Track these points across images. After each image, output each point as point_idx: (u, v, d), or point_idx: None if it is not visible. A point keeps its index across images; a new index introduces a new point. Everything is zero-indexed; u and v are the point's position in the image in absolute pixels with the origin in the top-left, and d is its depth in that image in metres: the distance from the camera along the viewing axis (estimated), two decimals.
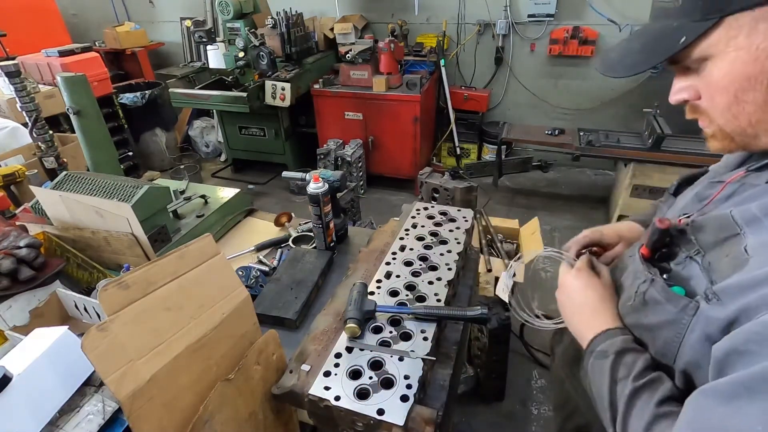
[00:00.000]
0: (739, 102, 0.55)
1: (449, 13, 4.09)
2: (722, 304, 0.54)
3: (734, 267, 0.55)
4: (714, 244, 0.60)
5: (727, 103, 0.57)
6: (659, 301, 0.63)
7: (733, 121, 0.58)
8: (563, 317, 0.84)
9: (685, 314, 0.59)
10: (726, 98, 0.56)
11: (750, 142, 0.60)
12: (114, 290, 0.68)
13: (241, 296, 0.88)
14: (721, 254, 0.58)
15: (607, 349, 0.68)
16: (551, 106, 4.20)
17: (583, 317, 0.78)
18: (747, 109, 0.55)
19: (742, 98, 0.55)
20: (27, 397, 0.84)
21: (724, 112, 0.58)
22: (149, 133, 4.43)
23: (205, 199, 1.70)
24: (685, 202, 0.78)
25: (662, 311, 0.63)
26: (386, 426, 0.77)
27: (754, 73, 0.52)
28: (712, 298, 0.55)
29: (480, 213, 2.30)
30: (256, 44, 3.59)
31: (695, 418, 0.52)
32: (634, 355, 0.66)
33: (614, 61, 0.65)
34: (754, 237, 0.55)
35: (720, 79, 0.56)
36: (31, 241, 1.23)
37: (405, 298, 1.04)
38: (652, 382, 0.62)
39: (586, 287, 0.80)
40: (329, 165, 3.79)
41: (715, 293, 0.55)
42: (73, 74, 2.16)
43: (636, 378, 0.63)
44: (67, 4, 5.38)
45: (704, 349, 0.56)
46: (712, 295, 0.55)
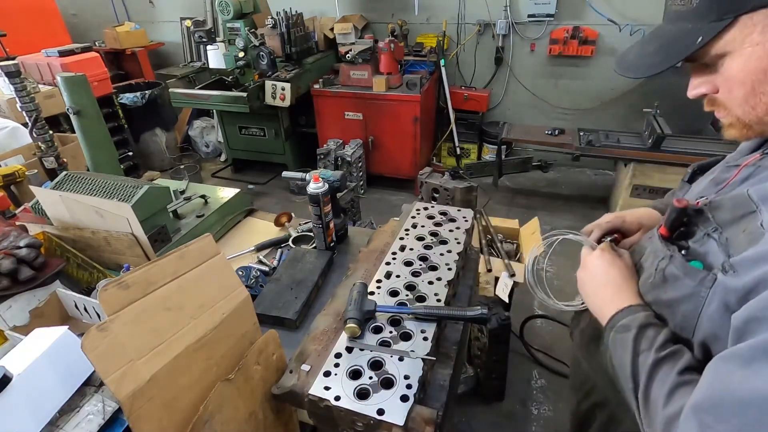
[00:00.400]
0: (756, 93, 0.59)
1: (449, 13, 4.09)
2: (738, 275, 0.56)
3: (750, 241, 0.57)
4: (731, 221, 0.62)
5: (745, 95, 0.60)
6: (678, 276, 0.66)
7: (751, 112, 0.61)
8: (583, 295, 0.87)
9: (703, 287, 0.61)
10: (744, 90, 0.60)
11: (767, 130, 0.63)
12: (114, 290, 0.69)
13: (241, 296, 0.88)
14: (738, 230, 0.60)
15: (629, 324, 0.71)
16: (551, 106, 4.20)
17: (605, 295, 0.81)
18: (764, 100, 0.59)
19: (759, 90, 0.59)
20: (27, 397, 0.84)
21: (742, 103, 0.61)
22: (149, 133, 4.43)
23: (205, 199, 1.70)
24: (701, 187, 0.81)
25: (681, 286, 0.65)
26: (386, 426, 0.77)
27: None
28: (729, 270, 0.58)
29: (480, 213, 2.30)
30: (256, 44, 3.59)
31: (714, 382, 0.54)
32: (656, 329, 0.69)
33: (632, 62, 0.69)
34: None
35: (737, 73, 0.59)
36: (31, 241, 1.23)
37: (405, 298, 1.04)
38: (673, 353, 0.65)
39: (610, 266, 0.82)
40: (329, 165, 3.79)
41: (732, 265, 0.57)
42: (73, 74, 2.16)
43: (658, 350, 0.65)
44: (67, 4, 5.38)
45: (722, 320, 0.58)
46: (729, 267, 0.58)
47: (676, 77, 4.10)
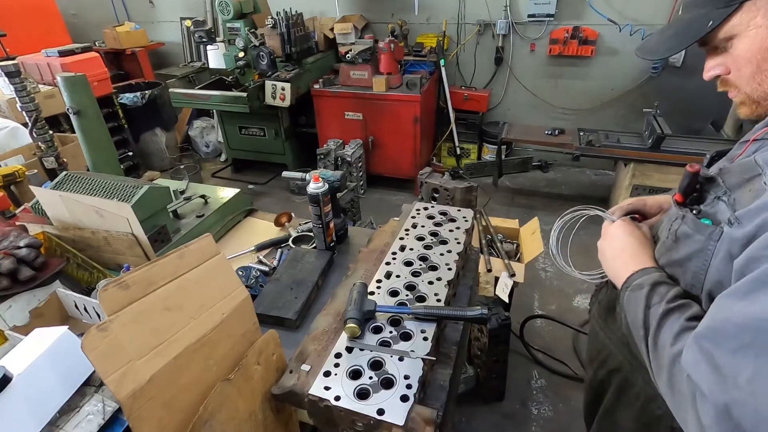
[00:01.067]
0: (762, 70, 0.67)
1: (449, 13, 4.09)
2: (742, 225, 0.62)
3: (754, 197, 0.63)
4: (738, 184, 0.69)
5: (752, 72, 0.68)
6: (689, 234, 0.72)
7: (758, 88, 0.69)
8: (603, 263, 0.92)
9: (711, 240, 0.67)
10: (750, 68, 0.68)
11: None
12: (114, 290, 0.69)
13: (241, 296, 0.88)
14: (744, 191, 0.67)
15: (642, 282, 0.77)
16: (551, 106, 4.20)
17: (622, 260, 0.86)
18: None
19: (764, 67, 0.67)
20: (27, 397, 0.84)
21: (749, 80, 0.69)
22: (149, 133, 4.43)
23: (205, 199, 1.70)
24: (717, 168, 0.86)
25: (692, 242, 0.72)
26: (386, 426, 0.77)
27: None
28: (734, 222, 0.64)
29: (480, 213, 2.30)
30: (256, 44, 3.59)
31: (715, 314, 0.60)
32: (668, 286, 0.75)
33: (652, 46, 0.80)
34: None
35: (744, 52, 0.68)
36: (31, 241, 1.23)
37: (405, 298, 1.04)
38: (682, 305, 0.71)
39: (628, 235, 0.89)
40: (329, 165, 3.79)
41: (737, 218, 0.64)
42: (73, 74, 2.16)
43: (669, 302, 0.71)
44: (67, 4, 5.39)
45: (727, 268, 0.64)
46: (735, 219, 0.64)
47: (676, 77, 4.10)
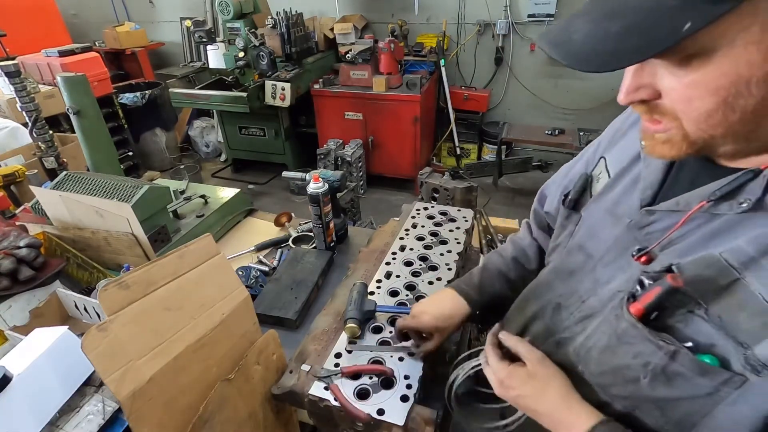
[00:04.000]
0: (726, 110, 0.45)
1: (449, 13, 4.09)
2: None
3: (765, 325, 0.47)
4: (714, 294, 0.51)
5: (710, 109, 0.46)
6: (684, 375, 0.53)
7: (707, 130, 0.48)
8: None
9: (725, 387, 0.50)
10: (710, 104, 0.45)
11: (712, 149, 0.52)
12: (114, 290, 0.69)
13: (241, 296, 0.88)
14: (731, 307, 0.50)
15: None
16: (551, 106, 4.20)
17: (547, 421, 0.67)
18: (730, 119, 0.46)
19: (731, 105, 0.45)
20: (27, 397, 0.84)
21: (700, 119, 0.47)
22: (149, 133, 4.43)
23: (205, 199, 1.70)
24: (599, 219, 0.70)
25: (689, 385, 0.53)
26: (386, 426, 0.77)
27: (758, 75, 0.42)
28: (762, 370, 0.47)
29: (480, 213, 2.30)
30: (256, 44, 3.59)
31: None
32: None
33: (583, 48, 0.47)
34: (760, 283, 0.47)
35: (712, 80, 0.44)
36: (31, 241, 1.23)
37: (405, 298, 1.04)
38: None
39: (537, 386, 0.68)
40: (329, 165, 3.78)
41: (765, 364, 0.47)
42: (73, 74, 2.16)
43: None
44: (67, 4, 5.38)
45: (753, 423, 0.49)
46: (761, 366, 0.47)
47: None
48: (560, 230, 0.81)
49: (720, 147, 0.51)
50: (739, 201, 0.50)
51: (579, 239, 0.73)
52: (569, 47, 0.48)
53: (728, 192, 0.51)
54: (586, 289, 0.69)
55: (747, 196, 0.50)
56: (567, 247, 0.76)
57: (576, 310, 0.69)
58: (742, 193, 0.50)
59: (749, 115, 0.45)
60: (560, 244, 0.79)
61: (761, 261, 0.47)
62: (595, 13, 0.47)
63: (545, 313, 0.75)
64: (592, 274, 0.68)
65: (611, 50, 0.44)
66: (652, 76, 0.49)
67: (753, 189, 0.49)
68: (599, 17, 0.46)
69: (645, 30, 0.43)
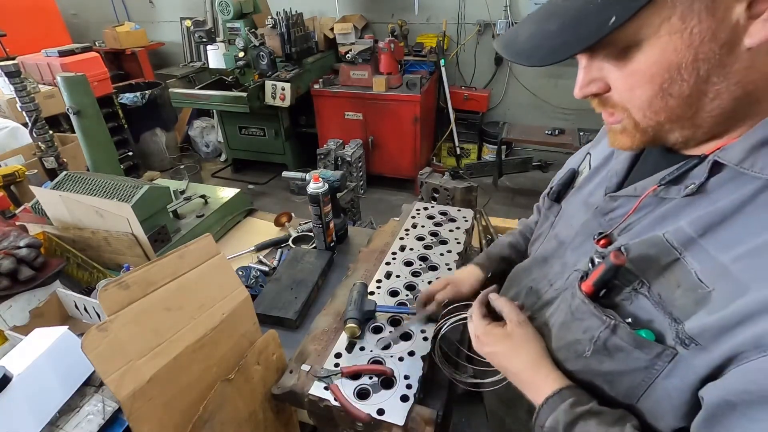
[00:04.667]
0: (664, 95, 0.49)
1: (449, 13, 4.09)
2: (705, 349, 0.48)
3: (697, 301, 0.50)
4: (656, 272, 0.54)
5: (650, 96, 0.50)
6: (623, 348, 0.56)
7: (652, 117, 0.52)
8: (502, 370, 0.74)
9: (659, 360, 0.52)
10: (650, 91, 0.50)
11: (664, 137, 0.55)
12: (114, 290, 0.69)
13: (241, 296, 0.88)
14: (670, 284, 0.53)
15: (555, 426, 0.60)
16: (551, 106, 4.20)
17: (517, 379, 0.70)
18: (670, 104, 0.50)
19: (668, 90, 0.49)
20: (27, 397, 0.84)
21: (644, 105, 0.51)
22: (149, 133, 4.43)
23: (205, 199, 1.70)
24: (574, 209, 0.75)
25: (628, 359, 0.55)
26: (386, 426, 0.77)
27: (686, 61, 0.46)
28: (690, 344, 0.49)
29: (480, 213, 2.30)
30: (256, 44, 3.59)
31: None
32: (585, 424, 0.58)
33: (526, 45, 0.52)
34: (697, 262, 0.51)
35: (647, 68, 0.48)
36: (31, 241, 1.23)
37: (405, 298, 1.04)
38: None
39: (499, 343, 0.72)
40: (329, 165, 3.78)
41: (692, 337, 0.49)
42: (73, 74, 2.16)
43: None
44: (67, 4, 5.38)
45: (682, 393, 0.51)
46: (689, 340, 0.50)
47: None
48: (543, 220, 0.86)
49: (670, 134, 0.54)
50: (685, 185, 0.54)
51: (556, 229, 0.78)
52: (515, 46, 0.54)
53: (676, 177, 0.55)
54: (555, 273, 0.74)
55: (692, 180, 0.53)
56: (547, 237, 0.81)
57: (545, 293, 0.74)
58: (688, 178, 0.54)
59: (687, 99, 0.49)
60: (542, 234, 0.84)
61: (699, 241, 0.51)
62: (538, 16, 0.53)
63: (520, 297, 0.80)
64: (561, 259, 0.73)
65: (548, 47, 0.50)
66: (600, 71, 0.53)
67: (698, 174, 0.53)
68: (541, 18, 0.52)
69: (576, 27, 0.48)
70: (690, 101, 0.49)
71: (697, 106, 0.50)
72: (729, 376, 0.46)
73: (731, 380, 0.46)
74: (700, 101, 0.49)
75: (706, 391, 0.48)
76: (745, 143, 0.49)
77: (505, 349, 0.71)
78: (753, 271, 0.46)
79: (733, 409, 0.45)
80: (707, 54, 0.45)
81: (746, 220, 0.48)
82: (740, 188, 0.49)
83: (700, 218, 0.51)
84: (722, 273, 0.48)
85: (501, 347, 0.71)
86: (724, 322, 0.46)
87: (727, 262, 0.48)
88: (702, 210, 0.52)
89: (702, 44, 0.45)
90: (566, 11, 0.49)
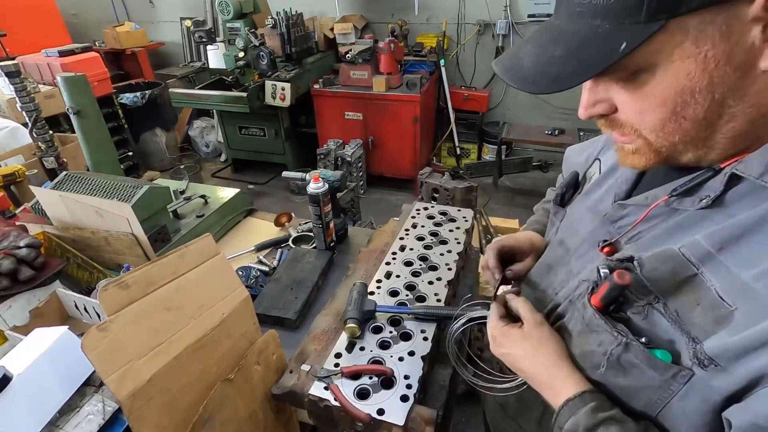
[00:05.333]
0: (678, 118, 0.48)
1: (449, 13, 4.09)
2: (725, 370, 0.47)
3: (717, 320, 0.48)
4: (672, 288, 0.52)
5: (663, 119, 0.49)
6: (638, 366, 0.55)
7: (666, 138, 0.51)
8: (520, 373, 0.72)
9: (674, 381, 0.51)
10: (662, 114, 0.49)
11: (677, 157, 0.53)
12: (114, 290, 0.68)
13: (241, 296, 0.88)
14: (688, 302, 0.51)
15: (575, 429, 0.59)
16: (551, 106, 4.20)
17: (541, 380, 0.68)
18: (684, 126, 0.49)
19: (681, 114, 0.48)
20: (27, 397, 0.84)
21: (656, 128, 0.50)
22: (149, 133, 4.43)
23: (205, 199, 1.70)
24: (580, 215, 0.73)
25: (643, 376, 0.54)
26: (386, 426, 0.77)
27: (700, 85, 0.45)
28: (709, 365, 0.48)
29: (480, 213, 2.31)
30: (256, 44, 3.59)
31: None
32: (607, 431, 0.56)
33: (530, 72, 0.51)
34: (717, 278, 0.49)
35: (659, 93, 0.48)
36: (31, 241, 1.23)
37: (405, 298, 1.04)
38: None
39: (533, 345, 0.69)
40: (329, 165, 3.78)
41: (711, 358, 0.47)
42: (73, 74, 2.16)
43: None
44: (67, 4, 5.38)
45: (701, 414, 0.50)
46: (708, 361, 0.48)
47: None
48: (550, 227, 0.85)
49: (683, 155, 0.53)
50: (700, 197, 0.52)
51: (561, 234, 0.77)
52: (519, 72, 0.52)
53: (690, 188, 0.53)
54: (559, 281, 0.73)
55: (707, 192, 0.52)
56: (551, 243, 0.80)
57: (550, 302, 0.74)
58: (702, 190, 0.52)
59: (701, 121, 0.48)
60: (549, 242, 0.83)
61: (717, 256, 0.49)
62: (541, 40, 0.52)
63: None
64: (566, 267, 0.72)
65: (555, 74, 0.48)
66: (606, 92, 0.53)
67: (713, 186, 0.51)
68: (544, 43, 0.51)
69: (583, 53, 0.47)
70: (705, 123, 0.48)
71: (711, 129, 0.49)
72: (756, 399, 0.44)
73: (759, 404, 0.44)
74: (714, 123, 0.48)
75: (732, 413, 0.47)
76: (765, 156, 0.47)
77: (520, 352, 0.69)
78: None
79: None
80: (722, 78, 0.45)
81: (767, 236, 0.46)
82: (760, 203, 0.47)
83: (717, 232, 0.50)
84: (744, 291, 0.47)
85: (517, 349, 0.69)
86: (747, 343, 0.45)
87: (749, 279, 0.46)
88: (719, 224, 0.50)
89: (717, 68, 0.44)
90: (572, 36, 0.48)
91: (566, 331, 0.68)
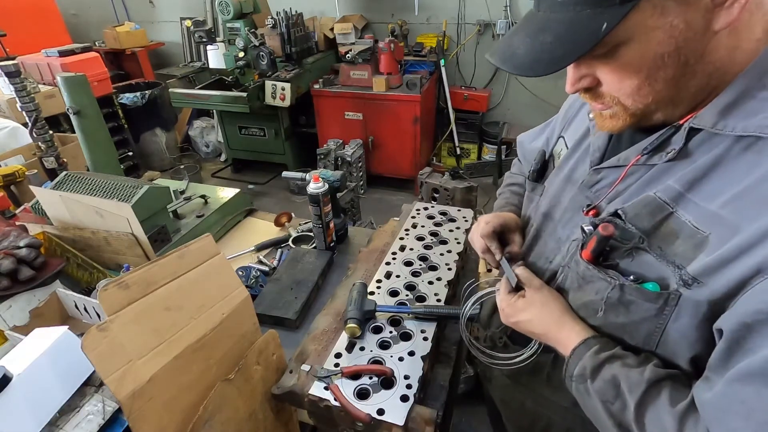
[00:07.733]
0: (651, 81, 0.56)
1: (449, 13, 4.09)
2: (706, 285, 0.54)
3: (696, 246, 0.56)
4: (653, 228, 0.60)
5: (638, 84, 0.57)
6: (634, 302, 0.62)
7: (640, 101, 0.59)
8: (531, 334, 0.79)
9: (666, 306, 0.58)
10: (637, 80, 0.57)
11: (649, 117, 0.62)
12: (114, 290, 0.69)
13: (241, 296, 0.88)
14: (669, 236, 0.59)
15: (582, 372, 0.66)
16: (551, 106, 4.20)
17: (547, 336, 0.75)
18: (656, 88, 0.57)
19: (653, 76, 0.56)
20: (27, 397, 0.84)
21: (632, 93, 0.58)
22: (149, 133, 4.43)
23: (205, 199, 1.70)
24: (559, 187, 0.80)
25: (640, 310, 0.61)
26: (386, 426, 0.77)
27: (668, 50, 0.54)
28: (693, 283, 0.55)
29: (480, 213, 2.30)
30: (256, 44, 3.59)
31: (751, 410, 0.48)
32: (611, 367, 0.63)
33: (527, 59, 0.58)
34: (689, 213, 0.57)
35: (635, 61, 0.56)
36: (31, 241, 1.23)
37: (405, 298, 1.04)
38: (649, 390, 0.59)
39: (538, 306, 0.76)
40: (329, 165, 3.78)
41: (695, 278, 0.55)
42: (73, 74, 2.16)
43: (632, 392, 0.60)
44: (67, 4, 5.38)
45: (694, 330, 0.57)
46: (692, 280, 0.55)
47: None
48: (528, 203, 0.92)
49: (653, 115, 0.61)
50: (666, 151, 0.61)
51: (543, 208, 0.84)
52: (515, 60, 0.59)
53: (658, 145, 0.62)
54: (550, 250, 0.80)
55: (672, 146, 0.61)
56: (535, 216, 0.87)
57: (546, 270, 0.81)
58: (669, 145, 0.62)
59: (671, 81, 0.57)
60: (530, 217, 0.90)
61: (687, 195, 0.58)
62: (529, 29, 0.59)
63: None
64: (554, 235, 0.80)
65: (548, 58, 0.56)
66: (589, 67, 0.60)
67: (676, 140, 0.61)
68: (534, 32, 0.58)
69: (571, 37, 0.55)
70: (673, 83, 0.57)
71: (678, 87, 0.57)
72: (740, 302, 0.51)
73: (743, 305, 0.50)
74: (680, 82, 0.57)
75: (722, 322, 0.53)
76: (714, 109, 0.57)
77: (529, 316, 0.76)
78: (740, 212, 0.53)
79: (750, 330, 0.49)
80: (686, 41, 0.53)
81: (724, 172, 0.56)
82: (715, 147, 0.57)
83: (684, 176, 0.59)
84: (714, 219, 0.55)
85: (525, 315, 0.77)
86: (722, 258, 0.52)
87: (716, 209, 0.55)
88: (684, 170, 0.59)
89: (681, 34, 0.52)
90: (558, 24, 0.56)
91: (565, 291, 0.76)
